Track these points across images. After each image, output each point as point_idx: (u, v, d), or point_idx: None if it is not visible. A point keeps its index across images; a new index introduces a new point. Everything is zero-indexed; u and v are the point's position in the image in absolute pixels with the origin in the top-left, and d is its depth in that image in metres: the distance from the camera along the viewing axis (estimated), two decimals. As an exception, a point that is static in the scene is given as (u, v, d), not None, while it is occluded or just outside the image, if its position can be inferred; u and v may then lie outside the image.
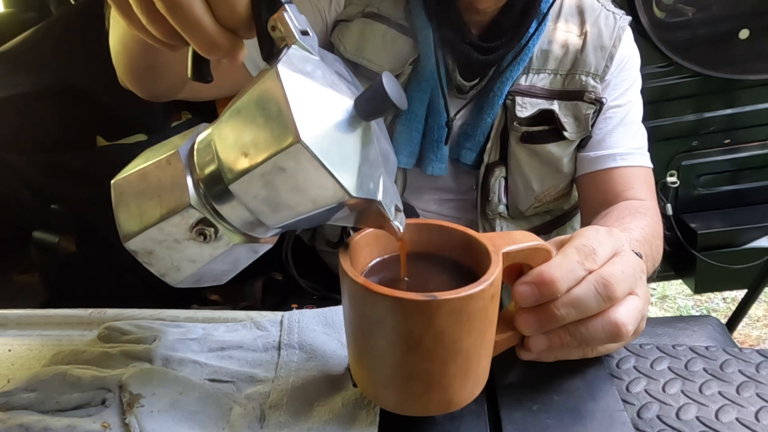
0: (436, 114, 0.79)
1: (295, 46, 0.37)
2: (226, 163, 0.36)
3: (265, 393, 0.45)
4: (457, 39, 0.76)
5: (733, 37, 1.26)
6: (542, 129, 0.79)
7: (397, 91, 0.36)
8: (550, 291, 0.39)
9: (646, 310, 0.45)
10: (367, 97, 0.36)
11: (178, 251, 0.39)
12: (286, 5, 0.36)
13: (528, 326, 0.41)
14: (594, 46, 0.79)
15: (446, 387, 0.39)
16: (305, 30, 0.38)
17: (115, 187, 0.40)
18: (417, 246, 0.45)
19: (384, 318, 0.37)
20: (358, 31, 0.78)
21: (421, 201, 0.89)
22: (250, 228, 0.40)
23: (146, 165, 0.40)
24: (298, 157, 0.33)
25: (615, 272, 0.41)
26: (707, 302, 2.24)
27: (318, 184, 0.34)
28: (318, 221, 0.39)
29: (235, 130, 0.36)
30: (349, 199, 0.35)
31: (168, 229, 0.38)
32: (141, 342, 0.50)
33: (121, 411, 0.43)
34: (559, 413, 0.43)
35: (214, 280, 0.44)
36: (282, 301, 0.96)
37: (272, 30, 0.37)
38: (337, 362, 0.48)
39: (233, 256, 0.41)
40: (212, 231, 0.38)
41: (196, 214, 0.38)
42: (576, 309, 0.40)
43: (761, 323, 2.11)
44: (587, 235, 0.43)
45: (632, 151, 0.82)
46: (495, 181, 0.83)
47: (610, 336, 0.41)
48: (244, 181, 0.35)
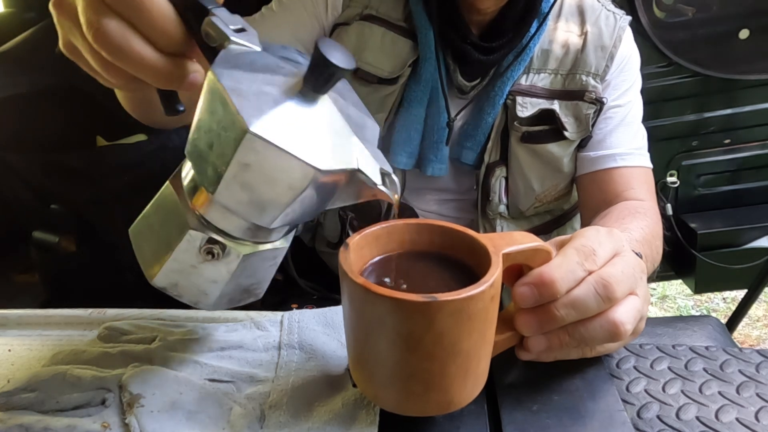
0: (436, 115, 0.79)
1: (231, 46, 0.37)
2: (203, 179, 0.37)
3: (265, 393, 0.45)
4: (458, 39, 0.75)
5: (733, 37, 1.26)
6: (543, 129, 0.79)
7: (340, 53, 0.35)
8: (550, 292, 0.39)
9: (646, 310, 0.45)
10: (312, 71, 0.36)
11: (198, 275, 0.41)
12: (213, 9, 0.37)
13: (527, 327, 0.41)
14: (594, 46, 0.79)
15: (446, 387, 0.39)
16: (241, 28, 0.38)
17: (132, 235, 0.43)
18: (417, 246, 0.44)
19: (384, 319, 0.37)
20: (357, 34, 0.78)
21: (421, 201, 0.89)
22: (252, 235, 0.40)
23: (147, 208, 0.43)
24: (254, 147, 0.33)
25: (615, 273, 0.41)
26: (707, 302, 2.24)
27: (285, 168, 0.34)
28: (315, 209, 0.39)
29: (199, 143, 0.37)
30: (323, 175, 0.35)
31: (181, 257, 0.40)
32: (141, 342, 0.50)
33: (121, 411, 0.43)
34: (559, 413, 0.43)
35: (247, 297, 0.45)
36: (282, 301, 0.96)
37: (207, 38, 0.37)
38: (337, 362, 0.48)
39: (250, 267, 0.42)
40: (218, 248, 0.40)
41: (200, 236, 0.39)
42: (576, 310, 0.40)
43: (761, 323, 2.11)
44: (587, 235, 0.43)
45: (632, 151, 0.82)
46: (495, 181, 0.83)
47: (609, 336, 0.41)
48: (222, 189, 0.36)
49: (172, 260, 0.40)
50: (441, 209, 0.90)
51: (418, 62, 0.77)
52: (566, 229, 0.94)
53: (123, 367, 0.47)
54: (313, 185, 0.36)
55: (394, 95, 0.78)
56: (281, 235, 0.43)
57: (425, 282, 0.43)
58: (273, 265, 0.44)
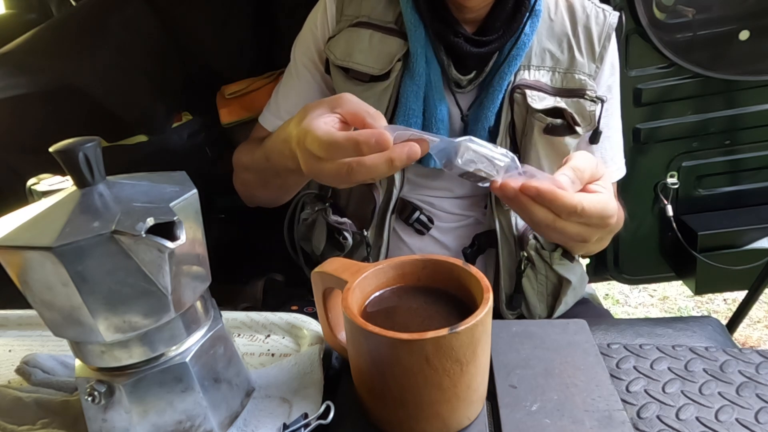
0: (433, 108, 0.80)
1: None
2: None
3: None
4: (449, 33, 0.77)
5: (734, 38, 1.26)
6: (562, 123, 0.80)
7: None
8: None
9: (591, 234, 0.53)
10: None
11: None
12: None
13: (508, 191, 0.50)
14: (586, 48, 0.81)
15: (437, 414, 0.42)
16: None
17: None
18: (414, 280, 0.49)
19: (380, 353, 0.41)
20: (345, 40, 0.81)
21: (425, 197, 0.88)
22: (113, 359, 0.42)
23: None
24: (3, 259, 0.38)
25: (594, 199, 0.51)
26: (708, 303, 2.24)
27: (34, 265, 0.37)
28: (130, 293, 0.39)
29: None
30: (58, 254, 0.36)
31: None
32: (61, 389, 0.47)
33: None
34: (559, 413, 0.43)
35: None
36: (282, 303, 0.96)
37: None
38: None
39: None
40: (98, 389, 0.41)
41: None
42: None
43: (762, 324, 2.11)
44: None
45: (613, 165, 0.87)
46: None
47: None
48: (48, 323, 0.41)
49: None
50: (445, 206, 0.89)
51: (410, 58, 0.78)
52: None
53: (32, 422, 0.43)
54: (67, 266, 0.36)
55: (389, 91, 0.80)
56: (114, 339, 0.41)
57: (420, 315, 0.46)
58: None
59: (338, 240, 0.88)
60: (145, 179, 0.43)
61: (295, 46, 0.90)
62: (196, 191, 0.42)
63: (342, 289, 0.44)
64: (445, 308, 0.46)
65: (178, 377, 0.42)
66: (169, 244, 0.36)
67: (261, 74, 1.34)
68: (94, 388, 0.40)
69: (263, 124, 0.90)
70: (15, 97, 1.12)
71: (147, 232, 0.36)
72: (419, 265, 0.49)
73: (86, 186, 0.40)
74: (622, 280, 1.48)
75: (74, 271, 0.36)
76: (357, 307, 0.44)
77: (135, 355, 0.41)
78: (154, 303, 0.39)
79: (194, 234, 0.42)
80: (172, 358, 0.42)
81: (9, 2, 1.73)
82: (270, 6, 1.37)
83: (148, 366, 0.42)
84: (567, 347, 0.51)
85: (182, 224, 0.38)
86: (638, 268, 1.46)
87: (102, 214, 0.38)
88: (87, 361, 0.42)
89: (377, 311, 0.46)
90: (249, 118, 1.31)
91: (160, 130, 1.30)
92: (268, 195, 0.88)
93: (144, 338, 0.41)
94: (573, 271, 0.88)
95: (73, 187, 0.41)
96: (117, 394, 0.41)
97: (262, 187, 0.85)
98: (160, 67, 1.29)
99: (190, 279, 0.42)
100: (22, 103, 1.13)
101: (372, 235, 0.87)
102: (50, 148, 0.39)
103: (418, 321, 0.45)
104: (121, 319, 0.39)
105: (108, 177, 0.42)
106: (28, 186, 0.43)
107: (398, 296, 0.48)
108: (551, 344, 0.52)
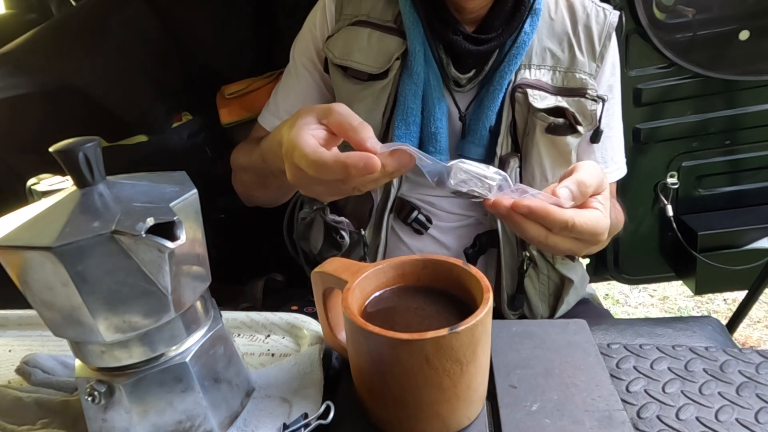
0: (431, 106, 0.80)
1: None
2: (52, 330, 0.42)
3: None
4: (449, 31, 0.77)
5: (734, 39, 1.26)
6: (564, 122, 0.80)
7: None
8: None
9: (579, 247, 0.53)
10: None
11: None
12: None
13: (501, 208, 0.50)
14: (586, 47, 0.80)
15: (437, 414, 0.42)
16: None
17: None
18: (414, 280, 0.49)
19: (380, 353, 0.41)
20: (344, 39, 0.81)
21: (424, 196, 0.88)
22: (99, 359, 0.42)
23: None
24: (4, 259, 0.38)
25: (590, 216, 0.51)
26: (708, 303, 2.24)
27: (34, 265, 0.37)
28: (126, 294, 0.40)
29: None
30: (58, 254, 0.36)
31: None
32: (61, 389, 0.47)
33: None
34: (559, 413, 0.43)
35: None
36: (282, 303, 0.96)
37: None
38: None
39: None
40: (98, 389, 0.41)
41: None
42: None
43: (762, 324, 2.11)
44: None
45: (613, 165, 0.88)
46: (510, 172, 0.83)
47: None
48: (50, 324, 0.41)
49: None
50: (444, 204, 0.89)
51: (408, 56, 0.78)
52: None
53: (32, 423, 0.43)
54: (67, 266, 0.36)
55: (387, 90, 0.80)
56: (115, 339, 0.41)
57: (420, 315, 0.46)
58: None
59: (335, 239, 0.88)
60: (145, 179, 0.43)
61: (294, 46, 0.90)
62: (196, 191, 0.42)
63: (342, 289, 0.44)
64: (445, 308, 0.46)
65: (178, 377, 0.42)
66: (169, 244, 0.36)
67: (261, 74, 1.34)
68: (94, 388, 0.40)
69: (263, 124, 0.90)
70: (15, 97, 1.12)
71: (147, 232, 0.36)
72: (419, 265, 0.49)
73: (86, 186, 0.40)
74: (622, 280, 1.48)
75: (74, 271, 0.36)
76: (357, 307, 0.44)
77: (135, 355, 0.41)
78: (154, 303, 0.39)
79: (194, 234, 0.42)
80: (172, 358, 0.42)
81: (9, 2, 1.73)
82: (270, 6, 1.36)
83: (148, 366, 0.42)
84: (567, 347, 0.51)
85: (182, 224, 0.38)
86: (638, 268, 1.46)
87: (102, 214, 0.38)
88: (87, 361, 0.42)
89: (377, 311, 0.46)
90: (249, 118, 1.31)
91: (160, 130, 1.30)
92: (267, 195, 0.88)
93: (144, 338, 0.41)
94: (575, 270, 0.88)
95: (73, 187, 0.41)
96: (117, 394, 0.41)
97: (260, 188, 0.85)
98: (160, 67, 1.29)
99: (190, 279, 0.42)
100: (22, 103, 1.13)
101: (369, 234, 0.87)
102: (50, 148, 0.39)
103: (418, 321, 0.45)
104: (121, 319, 0.39)
105: (108, 177, 0.42)
106: (28, 186, 0.43)
107: (398, 296, 0.48)
108: (551, 344, 0.52)
